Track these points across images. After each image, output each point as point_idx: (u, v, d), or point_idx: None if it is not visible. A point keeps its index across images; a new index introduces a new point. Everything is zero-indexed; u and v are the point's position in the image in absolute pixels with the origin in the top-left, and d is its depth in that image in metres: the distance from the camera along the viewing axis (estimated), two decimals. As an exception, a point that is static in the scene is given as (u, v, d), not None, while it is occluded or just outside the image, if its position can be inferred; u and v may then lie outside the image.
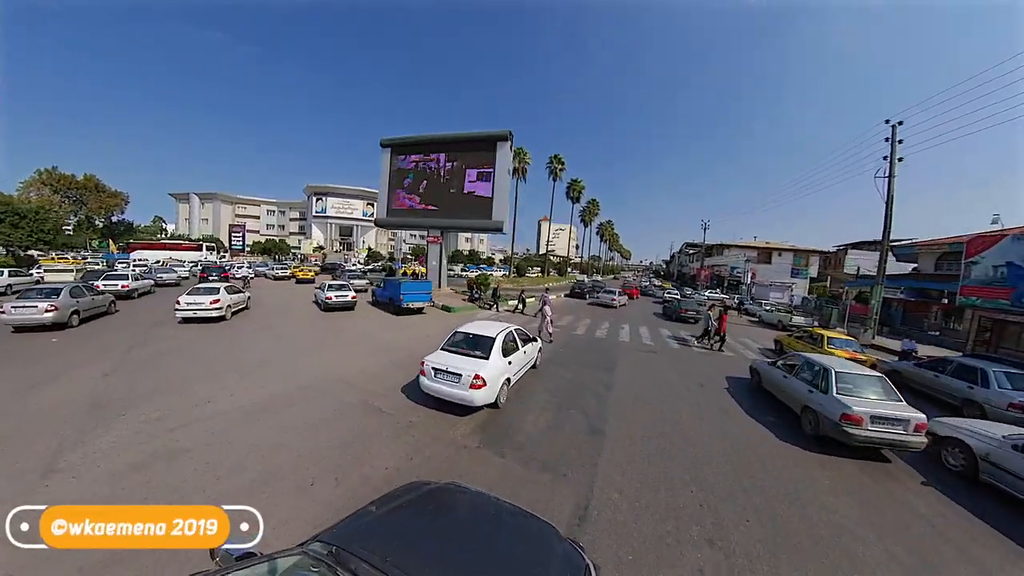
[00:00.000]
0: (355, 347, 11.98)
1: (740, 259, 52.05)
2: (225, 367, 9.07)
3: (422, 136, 29.49)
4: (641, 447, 6.36)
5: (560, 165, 51.89)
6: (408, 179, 29.67)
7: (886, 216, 21.76)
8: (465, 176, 27.19)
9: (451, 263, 75.13)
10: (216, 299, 14.15)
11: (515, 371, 8.21)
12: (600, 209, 71.82)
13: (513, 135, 26.66)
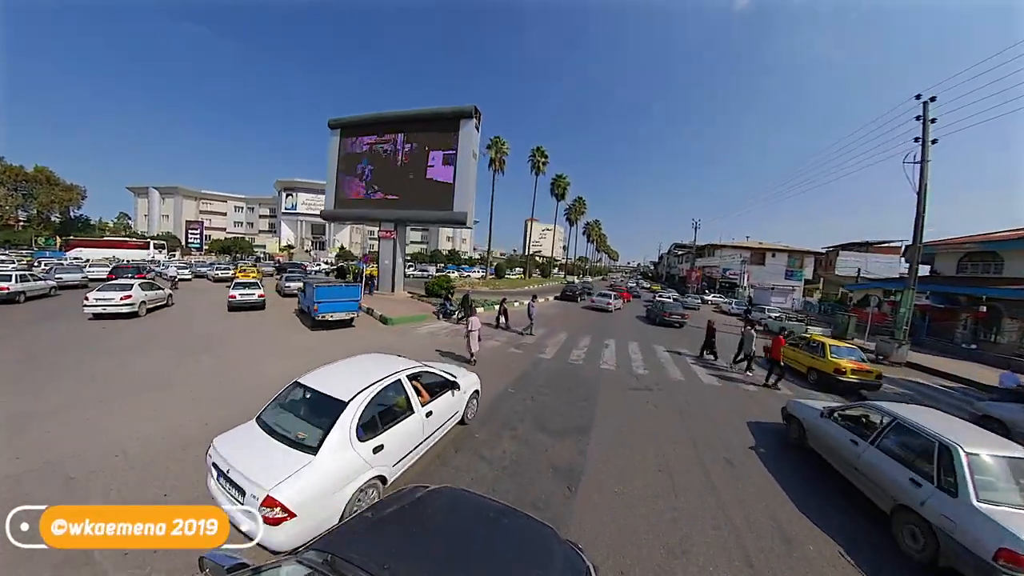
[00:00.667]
0: (205, 381, 7.75)
1: (735, 260, 48.90)
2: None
3: (376, 114, 25.22)
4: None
5: (543, 158, 48.03)
6: (361, 165, 25.38)
7: (918, 207, 18.37)
8: (427, 159, 23.00)
9: (427, 263, 71.24)
10: (127, 295, 13.82)
11: (402, 455, 4.63)
12: (586, 207, 68.25)
13: (480, 113, 22.60)
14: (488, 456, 5.62)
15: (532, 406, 7.70)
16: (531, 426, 6.75)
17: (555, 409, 7.63)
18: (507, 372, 9.90)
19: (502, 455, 5.67)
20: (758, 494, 5.22)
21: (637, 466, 5.68)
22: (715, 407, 8.61)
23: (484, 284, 37.79)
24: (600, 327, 18.79)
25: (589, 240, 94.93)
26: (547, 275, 61.84)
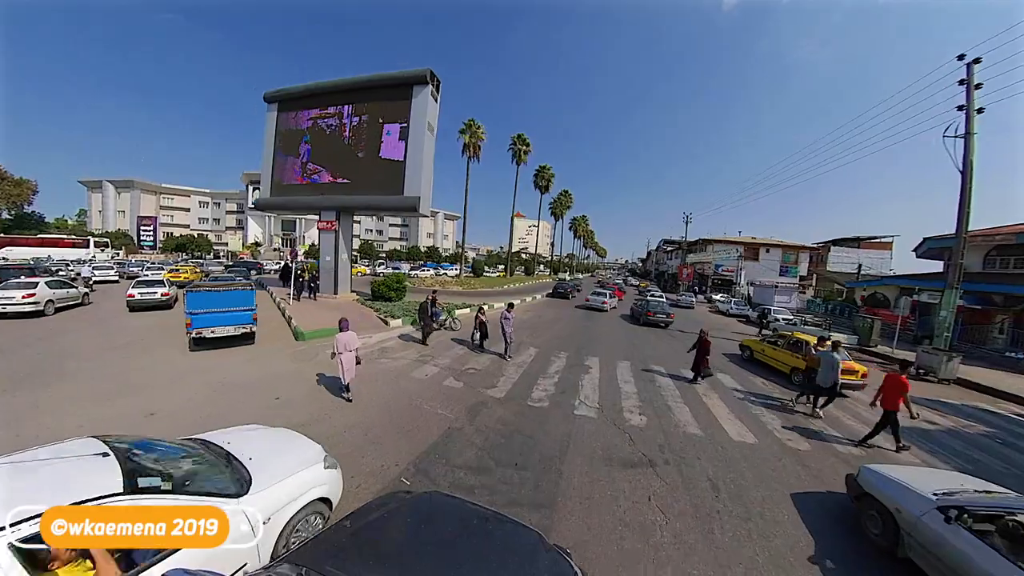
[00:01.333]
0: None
1: (731, 255, 45.98)
2: None
3: (319, 83, 21.08)
4: None
5: (524, 146, 44.31)
6: (303, 143, 21.27)
7: (963, 187, 15.28)
8: (381, 134, 19.02)
9: (404, 259, 66.91)
10: (30, 293, 13.54)
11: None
12: (572, 201, 64.80)
13: (439, 80, 18.76)
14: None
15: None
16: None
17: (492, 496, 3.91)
18: (420, 431, 6.18)
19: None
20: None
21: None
22: (764, 498, 5.03)
23: (458, 283, 33.94)
24: (584, 335, 15.21)
25: (576, 236, 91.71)
26: (531, 273, 58.25)
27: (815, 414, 8.37)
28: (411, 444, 5.72)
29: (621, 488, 4.98)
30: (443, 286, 31.64)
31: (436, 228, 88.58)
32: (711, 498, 4.93)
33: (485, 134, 35.92)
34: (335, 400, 7.41)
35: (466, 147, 35.28)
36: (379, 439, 5.82)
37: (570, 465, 5.44)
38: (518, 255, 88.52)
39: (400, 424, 6.39)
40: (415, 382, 8.60)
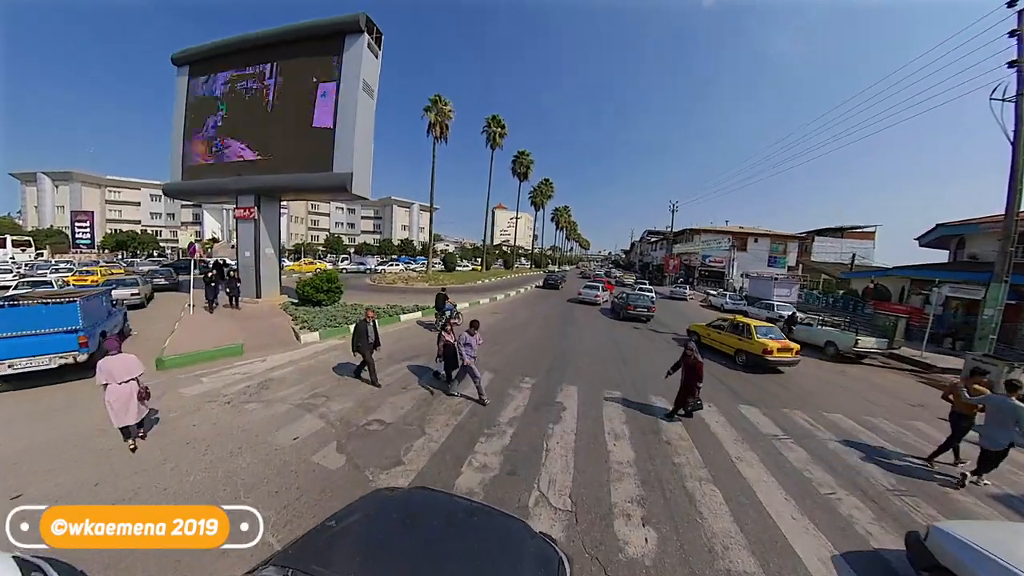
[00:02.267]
0: None
1: (721, 245, 43.59)
2: None
3: (235, 37, 16.99)
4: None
5: (499, 129, 40.62)
6: (218, 114, 17.22)
7: (1014, 159, 12.63)
8: (314, 99, 15.18)
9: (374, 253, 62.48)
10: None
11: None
12: (554, 190, 61.50)
13: (380, 33, 15.05)
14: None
15: None
16: None
17: None
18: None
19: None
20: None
21: None
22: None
23: (424, 279, 30.29)
24: (559, 345, 11.91)
25: (558, 227, 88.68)
26: (510, 266, 54.88)
27: (970, 481, 5.60)
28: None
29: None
30: (407, 282, 28.01)
31: (411, 220, 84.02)
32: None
33: (453, 112, 32.04)
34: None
35: (432, 126, 31.34)
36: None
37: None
38: (499, 248, 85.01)
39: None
40: (268, 453, 5.18)
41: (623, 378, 9.40)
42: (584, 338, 13.87)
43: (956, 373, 12.90)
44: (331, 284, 14.41)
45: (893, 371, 13.29)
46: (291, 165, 15.09)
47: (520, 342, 12.28)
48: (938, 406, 9.72)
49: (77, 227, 56.72)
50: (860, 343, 13.21)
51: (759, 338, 11.19)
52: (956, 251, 22.51)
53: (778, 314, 19.50)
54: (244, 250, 16.23)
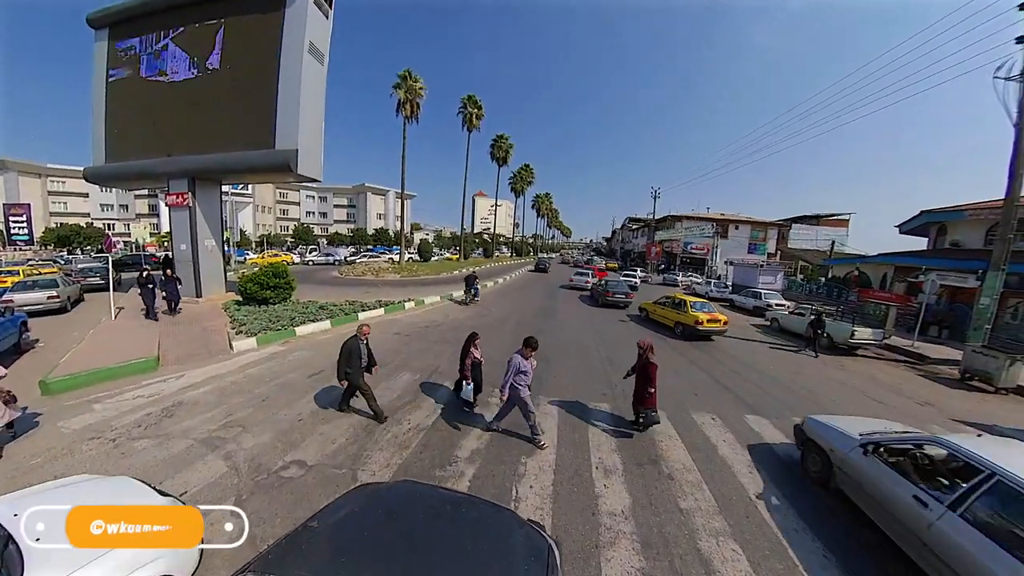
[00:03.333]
0: None
1: (705, 231, 43.05)
2: None
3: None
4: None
5: (476, 109, 38.51)
6: (144, 83, 14.81)
7: (1017, 141, 11.90)
8: (252, 62, 13.04)
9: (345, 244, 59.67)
10: None
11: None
12: (534, 176, 59.75)
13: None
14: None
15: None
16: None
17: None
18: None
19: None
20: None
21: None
22: None
23: (396, 269, 28.41)
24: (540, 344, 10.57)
25: (539, 215, 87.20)
26: (490, 255, 53.26)
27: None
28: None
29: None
30: (377, 274, 26.12)
31: (387, 208, 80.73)
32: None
33: (425, 90, 29.77)
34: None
35: (402, 105, 29.05)
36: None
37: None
38: (480, 236, 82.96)
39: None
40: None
41: (610, 384, 8.16)
42: (566, 334, 12.60)
43: (952, 364, 12.38)
44: (279, 279, 12.57)
45: (888, 363, 12.63)
46: (228, 142, 13.00)
47: (494, 342, 10.89)
48: (949, 404, 9.04)
49: (12, 222, 51.21)
50: (857, 334, 12.44)
51: (692, 312, 13.09)
52: (936, 238, 22.32)
53: (766, 302, 18.82)
54: (180, 243, 14.11)
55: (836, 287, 23.75)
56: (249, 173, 13.72)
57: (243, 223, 61.42)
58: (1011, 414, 8.81)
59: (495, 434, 5.75)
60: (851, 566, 3.80)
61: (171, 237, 14.48)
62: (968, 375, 11.07)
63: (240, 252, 36.38)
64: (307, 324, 10.72)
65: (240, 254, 36.14)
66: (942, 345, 14.94)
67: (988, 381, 10.56)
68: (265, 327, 10.11)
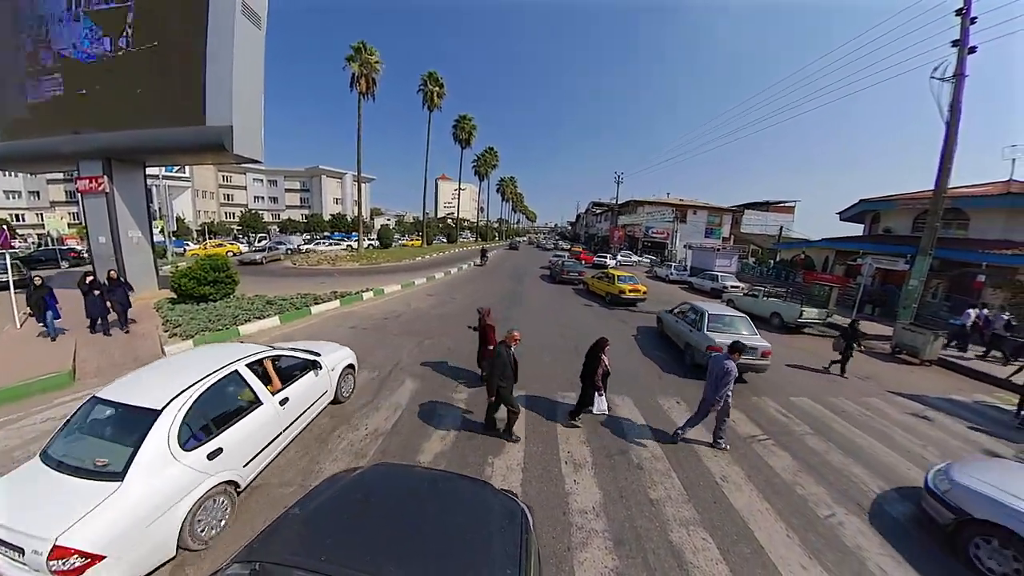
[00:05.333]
0: None
1: (665, 216, 44.27)
2: None
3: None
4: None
5: (437, 88, 36.88)
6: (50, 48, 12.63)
7: (947, 138, 12.87)
8: (178, 25, 11.37)
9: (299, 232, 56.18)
10: None
11: (255, 452, 4.09)
12: (498, 160, 58.75)
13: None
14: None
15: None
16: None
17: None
18: None
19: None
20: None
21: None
22: None
23: (354, 258, 27.04)
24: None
25: (504, 199, 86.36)
26: (454, 240, 52.20)
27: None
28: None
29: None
30: (334, 263, 24.73)
31: (344, 192, 76.64)
32: None
33: (381, 64, 27.97)
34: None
35: (355, 80, 27.14)
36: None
37: None
38: (443, 220, 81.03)
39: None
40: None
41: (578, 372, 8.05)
42: (534, 322, 12.42)
43: (884, 340, 13.48)
44: (218, 273, 11.39)
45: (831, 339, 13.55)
46: (150, 117, 11.43)
47: (459, 335, 10.51)
48: (884, 377, 9.81)
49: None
50: (804, 314, 13.21)
51: (618, 284, 15.84)
52: (871, 225, 24.17)
53: (722, 285, 19.64)
54: (97, 235, 12.42)
55: (784, 270, 25.32)
56: (178, 153, 12.23)
57: (181, 210, 56.11)
58: (934, 384, 9.73)
59: (459, 435, 5.47)
60: (811, 540, 3.94)
61: (87, 229, 12.68)
62: (898, 349, 12.09)
63: (178, 243, 33.12)
64: (252, 322, 9.80)
65: (178, 245, 32.96)
66: (875, 322, 16.24)
67: (915, 355, 11.60)
68: (204, 328, 9.13)
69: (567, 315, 13.87)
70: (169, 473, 3.24)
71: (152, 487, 3.10)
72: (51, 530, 2.63)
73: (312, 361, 5.39)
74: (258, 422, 4.14)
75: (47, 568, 2.57)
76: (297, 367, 5.24)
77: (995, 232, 18.17)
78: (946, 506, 3.95)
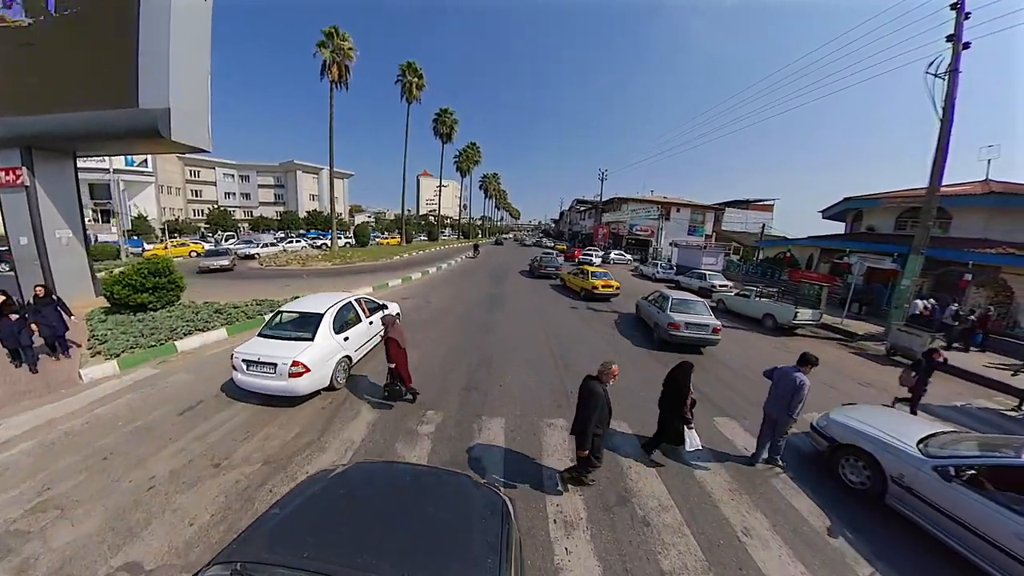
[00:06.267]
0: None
1: (651, 213, 43.94)
2: None
3: None
4: None
5: (416, 79, 35.39)
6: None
7: (941, 134, 12.50)
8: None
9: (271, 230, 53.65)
10: None
11: (358, 345, 7.55)
12: (481, 156, 57.43)
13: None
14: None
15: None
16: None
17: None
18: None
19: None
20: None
21: None
22: None
23: (327, 257, 25.52)
24: (485, 344, 9.37)
25: (487, 196, 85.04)
26: (435, 238, 50.79)
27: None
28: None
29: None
30: (304, 263, 23.23)
31: (321, 188, 73.94)
32: None
33: (355, 51, 26.38)
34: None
35: (327, 67, 25.49)
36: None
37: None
38: (425, 218, 79.17)
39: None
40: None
41: (566, 392, 7.16)
42: (514, 328, 11.48)
43: (875, 340, 13.15)
44: (159, 279, 9.99)
45: (823, 341, 13.12)
46: (76, 100, 9.89)
47: (430, 344, 9.48)
48: (882, 383, 9.28)
49: None
50: (799, 316, 12.72)
51: (592, 279, 16.10)
52: (852, 223, 24.13)
53: (710, 283, 19.13)
54: (18, 235, 10.77)
55: (769, 268, 25.13)
56: (108, 140, 10.63)
57: (144, 207, 52.68)
58: (935, 389, 9.25)
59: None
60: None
61: (5, 229, 11.02)
62: (896, 352, 11.69)
63: (135, 242, 30.72)
64: (194, 335, 8.53)
65: (135, 245, 30.61)
66: (862, 321, 16.00)
67: (910, 357, 11.19)
68: (133, 344, 7.83)
69: (555, 322, 12.87)
70: (329, 341, 6.50)
71: (323, 345, 6.33)
72: (290, 356, 5.77)
73: (383, 305, 8.96)
74: (360, 330, 7.55)
75: (287, 372, 5.66)
76: (375, 307, 8.55)
77: (976, 231, 18.21)
78: (824, 437, 5.19)
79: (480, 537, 2.25)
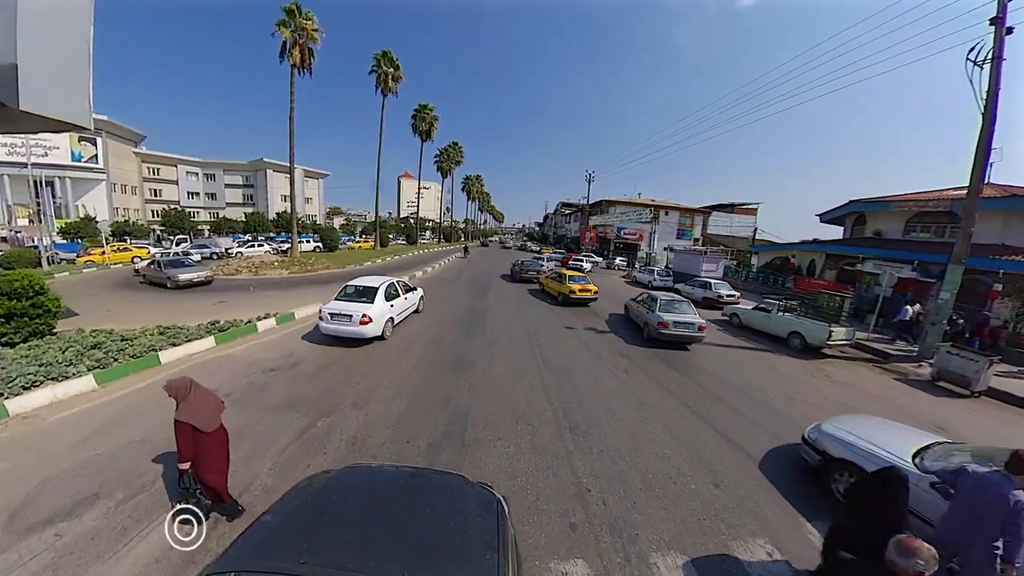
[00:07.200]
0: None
1: (642, 216, 42.32)
2: None
3: None
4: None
5: (392, 70, 32.88)
6: None
7: (983, 129, 10.91)
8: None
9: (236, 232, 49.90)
10: None
11: (398, 312, 10.70)
12: (463, 156, 55.03)
13: None
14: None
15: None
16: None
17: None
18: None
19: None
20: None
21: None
22: None
23: (286, 265, 22.64)
24: (456, 389, 7.00)
25: (470, 198, 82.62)
26: (414, 241, 48.05)
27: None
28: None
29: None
30: (256, 270, 20.36)
31: (292, 188, 70.05)
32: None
33: (321, 33, 23.67)
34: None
35: (287, 49, 22.71)
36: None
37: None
38: (406, 220, 76.14)
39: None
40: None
41: (581, 484, 4.79)
42: (497, 362, 9.16)
43: (912, 361, 11.46)
44: (17, 302, 7.29)
45: (857, 363, 11.37)
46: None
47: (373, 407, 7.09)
48: (957, 423, 7.48)
49: None
50: (834, 335, 10.88)
51: (569, 284, 15.86)
52: (854, 228, 22.81)
53: (716, 293, 17.30)
54: None
55: (771, 274, 23.56)
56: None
57: (94, 207, 48.07)
58: (1007, 429, 7.58)
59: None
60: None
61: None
62: (942, 378, 9.95)
63: (69, 246, 27.07)
64: (39, 388, 5.91)
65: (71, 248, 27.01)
66: (880, 334, 14.40)
67: (960, 383, 9.48)
68: None
69: (552, 348, 10.60)
70: (382, 305, 9.76)
71: (380, 307, 9.61)
72: (361, 310, 9.14)
73: (415, 288, 12.75)
74: (399, 302, 10.83)
75: (358, 320, 8.95)
76: (408, 288, 12.10)
77: (992, 236, 16.96)
78: (815, 450, 5.02)
79: (477, 535, 2.25)
